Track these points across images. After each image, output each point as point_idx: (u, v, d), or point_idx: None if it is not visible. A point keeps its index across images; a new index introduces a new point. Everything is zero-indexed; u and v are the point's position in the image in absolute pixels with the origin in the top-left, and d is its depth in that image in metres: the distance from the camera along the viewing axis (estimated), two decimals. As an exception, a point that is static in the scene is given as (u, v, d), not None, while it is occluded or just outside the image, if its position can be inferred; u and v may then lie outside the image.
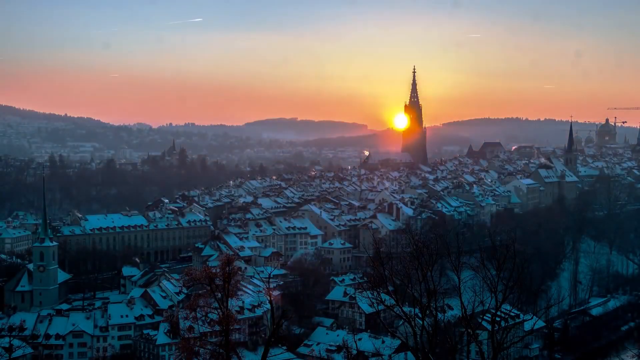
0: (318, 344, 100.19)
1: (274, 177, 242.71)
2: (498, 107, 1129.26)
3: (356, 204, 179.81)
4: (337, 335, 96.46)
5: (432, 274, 35.23)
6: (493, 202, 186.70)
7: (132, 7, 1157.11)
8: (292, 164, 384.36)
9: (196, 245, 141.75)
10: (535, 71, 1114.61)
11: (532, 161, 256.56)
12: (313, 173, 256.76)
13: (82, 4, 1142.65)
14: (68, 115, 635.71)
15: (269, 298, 50.39)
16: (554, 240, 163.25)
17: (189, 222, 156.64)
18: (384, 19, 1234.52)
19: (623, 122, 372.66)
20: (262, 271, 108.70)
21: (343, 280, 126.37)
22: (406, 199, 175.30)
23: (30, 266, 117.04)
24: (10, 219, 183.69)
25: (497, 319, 37.43)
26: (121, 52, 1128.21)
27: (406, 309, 40.25)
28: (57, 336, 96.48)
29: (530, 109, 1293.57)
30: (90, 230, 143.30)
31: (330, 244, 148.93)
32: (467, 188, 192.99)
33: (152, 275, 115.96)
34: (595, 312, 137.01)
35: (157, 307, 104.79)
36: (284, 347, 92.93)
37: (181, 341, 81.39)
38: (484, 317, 61.63)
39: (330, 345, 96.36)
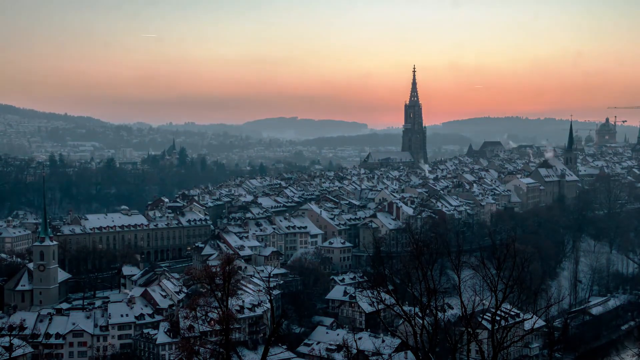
0: (318, 343, 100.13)
1: (274, 177, 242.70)
2: (498, 106, 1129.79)
3: (356, 203, 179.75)
4: (337, 335, 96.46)
5: (432, 273, 35.26)
6: (493, 201, 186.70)
7: (132, 7, 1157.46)
8: (292, 163, 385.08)
9: (196, 244, 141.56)
10: (535, 70, 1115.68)
11: (532, 160, 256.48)
12: (313, 172, 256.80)
13: (82, 3, 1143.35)
14: (68, 114, 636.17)
15: (269, 297, 50.43)
16: (553, 239, 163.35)
17: (189, 221, 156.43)
18: (384, 18, 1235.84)
19: (623, 121, 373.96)
20: (262, 270, 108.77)
21: (343, 279, 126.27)
22: (406, 198, 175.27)
23: (31, 265, 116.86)
24: (10, 218, 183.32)
25: (497, 318, 37.42)
26: (121, 51, 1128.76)
27: (406, 308, 40.28)
28: (57, 335, 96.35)
29: (531, 108, 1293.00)
30: (90, 229, 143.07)
31: (331, 243, 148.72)
32: (467, 187, 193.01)
33: (152, 275, 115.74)
34: (595, 311, 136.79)
35: (157, 307, 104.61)
36: (284, 347, 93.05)
37: (181, 340, 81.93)
38: (484, 316, 61.74)
39: (330, 345, 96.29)
